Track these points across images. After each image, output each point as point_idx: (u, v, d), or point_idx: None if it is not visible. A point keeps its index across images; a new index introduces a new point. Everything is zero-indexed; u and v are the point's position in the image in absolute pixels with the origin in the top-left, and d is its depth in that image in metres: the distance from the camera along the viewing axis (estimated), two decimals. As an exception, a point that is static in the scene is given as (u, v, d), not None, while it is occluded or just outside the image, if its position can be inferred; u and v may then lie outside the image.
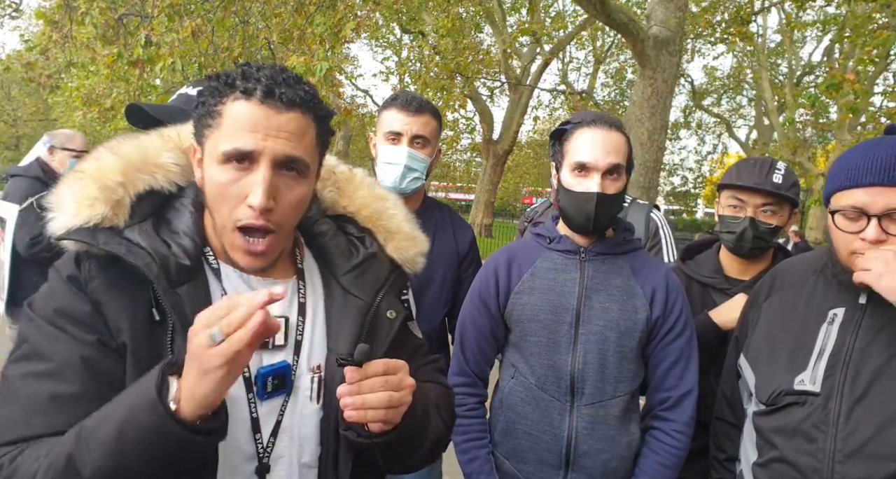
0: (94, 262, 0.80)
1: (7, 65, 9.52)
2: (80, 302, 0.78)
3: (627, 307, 1.40)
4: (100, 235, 0.79)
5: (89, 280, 0.79)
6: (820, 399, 1.13)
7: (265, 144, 0.79)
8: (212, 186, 0.81)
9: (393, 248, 1.02)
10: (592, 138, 1.35)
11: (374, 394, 0.78)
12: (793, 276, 1.32)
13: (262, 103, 0.79)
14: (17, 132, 25.00)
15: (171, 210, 0.89)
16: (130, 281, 0.79)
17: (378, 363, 0.79)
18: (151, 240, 0.82)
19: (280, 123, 0.80)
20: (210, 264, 0.87)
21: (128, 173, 0.85)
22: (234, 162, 0.79)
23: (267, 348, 0.86)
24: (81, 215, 0.80)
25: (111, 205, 0.82)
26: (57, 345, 0.76)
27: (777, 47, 17.11)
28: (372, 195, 1.04)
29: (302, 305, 0.91)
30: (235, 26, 6.06)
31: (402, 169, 1.68)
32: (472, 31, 11.84)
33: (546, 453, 1.40)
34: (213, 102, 0.82)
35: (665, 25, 5.20)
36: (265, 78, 0.80)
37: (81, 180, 0.83)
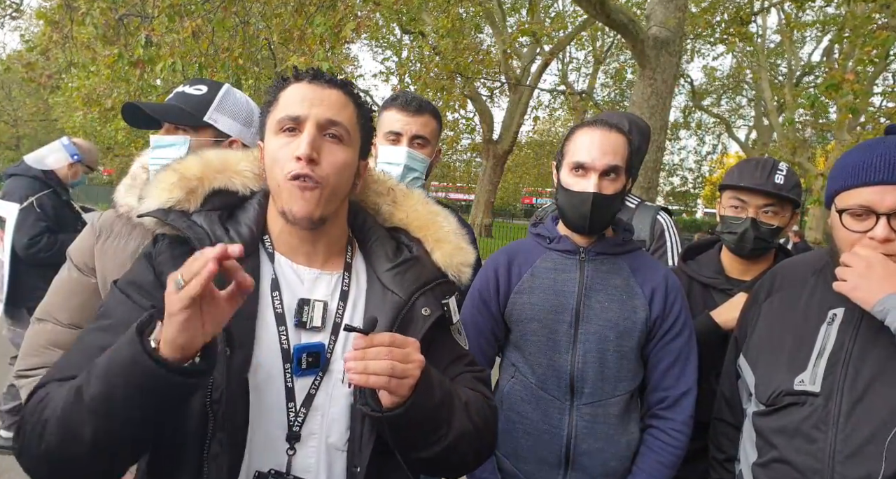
0: (167, 241, 0.95)
1: (7, 65, 9.53)
2: (148, 273, 0.92)
3: (627, 307, 1.40)
4: (171, 215, 0.94)
5: (158, 255, 0.93)
6: (820, 399, 1.13)
7: (310, 110, 0.92)
8: (268, 156, 0.94)
9: (440, 255, 1.08)
10: (591, 139, 1.36)
11: (376, 361, 0.81)
12: (792, 276, 1.32)
13: (310, 83, 0.95)
14: (17, 132, 25.00)
15: (241, 209, 1.02)
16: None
17: (384, 335, 0.84)
18: (212, 224, 0.95)
19: (323, 95, 0.94)
20: (266, 249, 0.98)
21: (206, 172, 1.00)
22: (286, 131, 0.92)
23: (305, 328, 0.94)
24: (160, 198, 0.96)
25: (186, 192, 0.97)
26: (119, 308, 0.90)
27: (777, 47, 17.12)
28: (426, 210, 1.13)
29: (345, 292, 1.00)
30: (236, 27, 6.06)
31: (402, 169, 1.69)
32: (472, 31, 11.84)
33: (546, 452, 1.40)
34: (272, 96, 0.97)
35: (665, 26, 5.21)
36: (313, 71, 0.96)
37: (166, 170, 1.01)
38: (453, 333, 1.07)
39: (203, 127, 1.36)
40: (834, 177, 1.18)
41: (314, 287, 0.98)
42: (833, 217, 1.17)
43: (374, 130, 1.06)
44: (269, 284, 0.94)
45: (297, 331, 0.93)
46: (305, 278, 0.98)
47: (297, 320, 0.93)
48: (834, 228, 1.18)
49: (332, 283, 0.99)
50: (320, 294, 0.97)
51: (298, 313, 0.93)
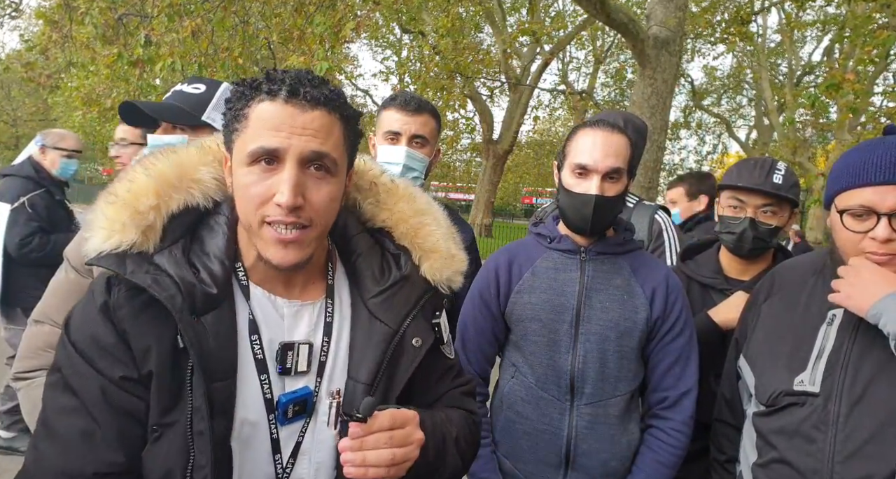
0: (123, 288, 0.80)
1: (7, 65, 9.53)
2: (108, 332, 0.79)
3: (627, 307, 1.40)
4: (129, 261, 0.80)
5: (117, 309, 0.79)
6: (819, 400, 1.13)
7: (290, 141, 0.79)
8: (239, 188, 0.81)
9: (428, 267, 0.97)
10: (593, 140, 1.36)
11: (376, 451, 0.77)
12: (792, 277, 1.32)
13: (287, 103, 0.79)
14: (16, 132, 24.99)
15: (206, 228, 0.88)
16: (157, 308, 0.78)
17: (385, 417, 0.78)
18: (179, 267, 0.81)
19: (305, 120, 0.80)
20: (240, 280, 0.86)
21: (162, 194, 0.84)
22: (262, 162, 0.79)
23: (290, 375, 0.86)
24: (111, 240, 0.80)
25: (142, 230, 0.81)
26: (84, 379, 0.78)
27: (777, 47, 17.10)
28: (412, 209, 1.00)
29: (328, 324, 0.91)
30: (235, 26, 6.06)
31: (401, 169, 1.69)
32: (472, 31, 11.83)
33: (546, 452, 1.40)
34: (239, 107, 0.82)
35: (665, 25, 5.20)
36: (289, 79, 0.80)
37: (113, 205, 0.82)
38: (443, 349, 1.01)
39: (201, 126, 1.35)
40: (834, 177, 1.18)
41: (295, 324, 0.88)
42: (833, 218, 1.17)
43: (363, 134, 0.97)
44: (247, 326, 0.84)
45: (280, 378, 0.85)
46: (285, 313, 0.88)
47: (280, 368, 0.85)
48: (834, 228, 1.18)
49: (314, 315, 0.90)
50: (302, 333, 0.88)
51: (281, 359, 0.85)
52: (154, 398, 0.77)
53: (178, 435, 0.77)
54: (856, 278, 1.11)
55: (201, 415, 0.76)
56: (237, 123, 0.81)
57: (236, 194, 0.83)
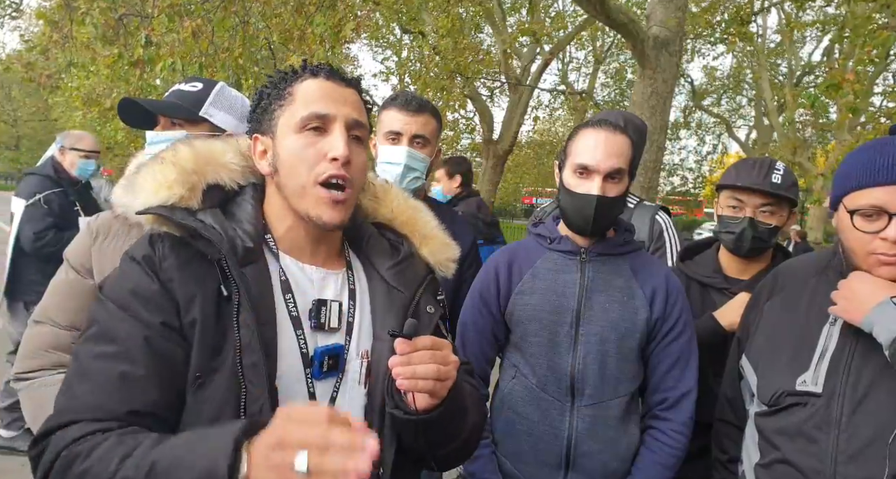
0: (168, 242, 0.86)
1: (7, 65, 9.52)
2: (151, 282, 0.83)
3: (628, 308, 1.40)
4: (177, 212, 0.86)
5: (163, 259, 0.84)
6: (822, 400, 1.13)
7: (338, 109, 0.90)
8: (289, 154, 0.89)
9: (427, 251, 1.08)
10: (595, 140, 1.36)
11: (423, 365, 0.82)
12: (794, 277, 1.32)
13: (328, 79, 0.92)
14: (17, 132, 24.99)
15: (233, 204, 0.95)
16: (200, 261, 0.85)
17: (426, 338, 0.84)
18: (222, 223, 0.88)
19: (345, 94, 0.92)
20: (270, 248, 0.93)
21: (199, 165, 0.93)
22: (311, 129, 0.88)
23: (323, 330, 0.92)
24: (160, 195, 0.87)
25: (188, 188, 0.89)
26: (124, 327, 0.81)
27: (777, 47, 17.10)
28: (406, 205, 1.11)
29: (352, 291, 0.98)
30: (236, 27, 6.06)
31: (402, 169, 1.69)
32: (472, 31, 11.82)
33: (546, 453, 1.40)
34: (282, 88, 0.92)
35: (665, 26, 5.20)
36: (318, 66, 0.93)
37: (162, 165, 0.90)
38: (442, 327, 1.07)
39: (199, 121, 1.37)
40: (842, 177, 1.17)
41: (323, 287, 0.95)
42: (842, 218, 1.16)
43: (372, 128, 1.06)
44: (280, 286, 0.91)
45: (313, 333, 0.91)
46: (314, 278, 0.95)
47: (314, 322, 0.91)
48: (843, 229, 1.17)
49: (338, 282, 0.98)
50: (332, 294, 0.95)
51: (316, 314, 0.91)
52: (198, 345, 0.81)
53: (226, 376, 0.80)
54: (850, 291, 1.12)
55: (252, 348, 0.81)
56: (281, 101, 0.91)
57: (284, 160, 0.90)
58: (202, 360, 0.81)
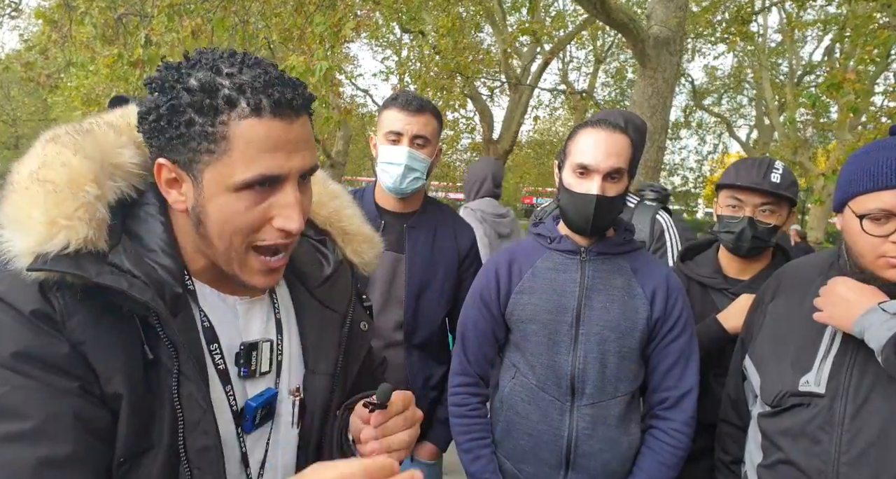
0: (69, 292, 0.65)
1: (7, 64, 9.51)
2: (54, 343, 0.63)
3: (628, 308, 1.40)
4: (86, 263, 0.64)
5: (67, 317, 0.64)
6: (825, 401, 1.13)
7: (290, 164, 0.70)
8: (224, 215, 0.70)
9: (351, 251, 0.96)
10: (595, 140, 1.35)
11: (397, 436, 0.77)
12: (798, 278, 1.32)
13: (276, 117, 0.68)
14: (16, 132, 24.99)
15: (137, 221, 0.74)
16: (114, 314, 0.67)
17: (398, 401, 0.77)
18: (141, 265, 0.69)
19: (297, 134, 0.70)
20: (186, 285, 0.75)
21: (100, 181, 0.69)
22: (256, 187, 0.69)
23: (252, 377, 0.80)
24: (58, 239, 0.64)
25: (94, 225, 0.66)
26: (30, 396, 0.61)
27: (777, 47, 17.08)
28: (327, 193, 0.96)
29: (279, 321, 0.85)
30: (235, 26, 6.06)
31: (403, 169, 1.68)
32: (472, 30, 11.82)
33: (546, 453, 1.40)
34: (208, 122, 0.67)
35: (665, 25, 5.19)
36: (259, 84, 0.68)
37: (55, 193, 0.65)
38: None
39: None
40: (848, 180, 1.16)
41: (248, 322, 0.81)
42: (849, 221, 1.16)
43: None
44: (204, 334, 0.75)
45: (240, 382, 0.79)
46: (239, 311, 0.80)
47: (245, 370, 0.78)
48: (850, 232, 1.16)
49: (264, 311, 0.83)
50: (258, 331, 0.82)
51: (246, 361, 0.78)
52: (124, 425, 0.65)
53: (161, 461, 0.67)
54: (835, 296, 1.12)
55: (201, 430, 0.69)
56: (209, 144, 0.67)
57: (216, 219, 0.70)
58: (128, 442, 0.66)
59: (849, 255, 1.20)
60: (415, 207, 1.81)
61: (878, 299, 1.08)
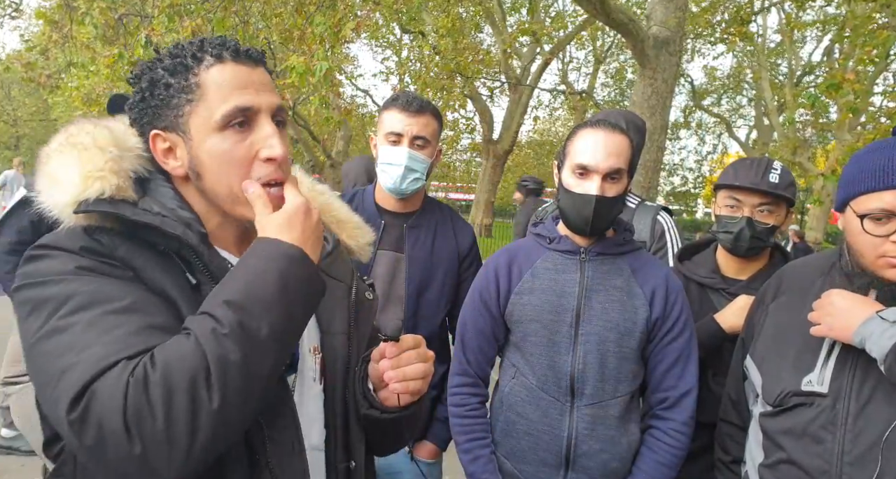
0: (109, 235, 0.74)
1: (7, 65, 9.52)
2: (111, 267, 0.71)
3: (627, 308, 1.40)
4: (121, 206, 0.74)
5: (114, 249, 0.73)
6: (828, 401, 1.14)
7: (259, 99, 0.79)
8: (215, 156, 0.78)
9: (346, 236, 1.05)
10: (594, 140, 1.36)
11: (412, 366, 0.83)
12: (799, 278, 1.32)
13: (237, 62, 0.79)
14: (17, 132, 24.98)
15: (151, 191, 0.83)
16: (154, 252, 0.76)
17: (409, 337, 0.84)
18: (169, 210, 0.79)
19: (259, 77, 0.81)
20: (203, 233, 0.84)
21: (122, 149, 0.80)
22: (234, 126, 0.78)
23: None
24: (93, 188, 0.74)
25: (122, 176, 0.77)
26: (118, 286, 0.70)
27: (777, 47, 17.09)
28: (314, 190, 1.05)
29: None
30: (235, 26, 6.06)
31: (403, 170, 1.69)
32: (472, 31, 11.82)
33: (546, 453, 1.40)
34: (183, 77, 0.79)
35: (665, 25, 5.20)
36: (217, 42, 0.80)
37: (86, 151, 0.77)
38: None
39: None
40: (849, 180, 1.17)
41: None
42: (850, 221, 1.16)
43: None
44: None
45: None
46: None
47: None
48: (851, 232, 1.16)
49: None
50: None
51: None
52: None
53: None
54: (832, 308, 1.12)
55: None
56: (189, 95, 0.78)
57: (209, 163, 0.79)
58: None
59: (850, 255, 1.20)
60: (415, 207, 1.82)
61: (875, 308, 1.08)
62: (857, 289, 1.19)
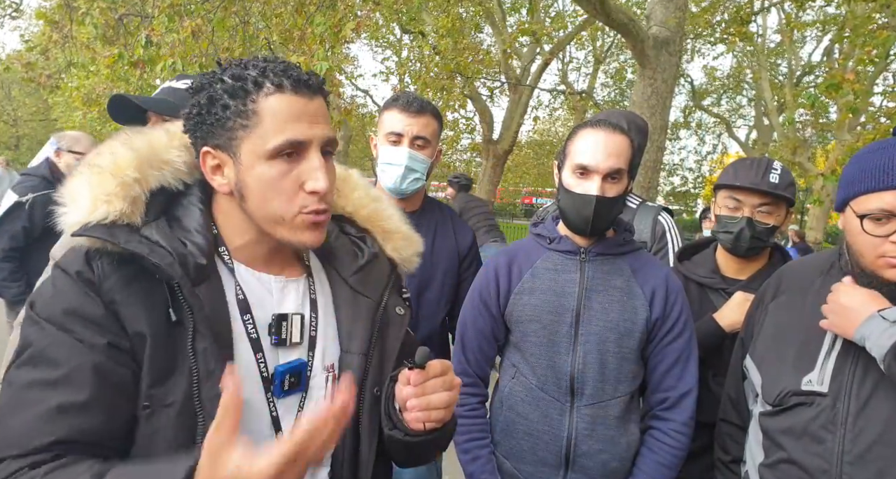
0: (107, 259, 0.78)
1: (7, 65, 9.51)
2: (92, 303, 0.75)
3: (627, 308, 1.40)
4: (118, 232, 0.77)
5: (104, 279, 0.76)
6: (828, 400, 1.14)
7: (312, 132, 0.81)
8: (262, 183, 0.81)
9: (391, 248, 1.03)
10: (595, 141, 1.36)
11: (437, 395, 0.82)
12: (799, 277, 1.32)
13: (296, 93, 0.81)
14: (17, 132, 24.97)
15: (179, 208, 0.86)
16: (145, 280, 0.78)
17: (436, 364, 0.82)
18: (169, 239, 0.80)
19: (315, 109, 0.82)
20: (224, 261, 0.86)
21: (142, 169, 0.83)
22: (284, 156, 0.80)
23: (284, 346, 0.87)
24: (98, 211, 0.78)
25: (129, 202, 0.80)
26: (64, 350, 0.73)
27: (777, 47, 17.08)
28: (368, 196, 1.05)
29: (314, 301, 0.92)
30: (236, 27, 6.06)
31: (403, 170, 1.69)
32: (472, 31, 11.81)
33: (546, 453, 1.40)
34: (242, 101, 0.80)
35: (665, 25, 5.20)
36: (279, 69, 0.81)
37: (100, 175, 0.80)
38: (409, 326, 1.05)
39: None
40: (849, 180, 1.17)
41: (283, 298, 0.89)
42: (850, 221, 1.16)
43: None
44: (238, 305, 0.84)
45: (273, 349, 0.86)
46: (273, 288, 0.89)
47: (276, 339, 0.85)
48: (851, 232, 1.17)
49: (299, 291, 0.91)
50: (292, 306, 0.89)
51: (276, 330, 0.86)
52: (148, 368, 0.75)
53: (177, 408, 0.75)
54: (837, 305, 1.13)
55: (213, 379, 0.75)
56: (244, 120, 0.80)
57: (255, 189, 0.81)
58: (150, 387, 0.75)
59: (849, 255, 1.21)
60: (415, 207, 1.82)
61: (879, 306, 1.08)
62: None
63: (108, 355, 0.74)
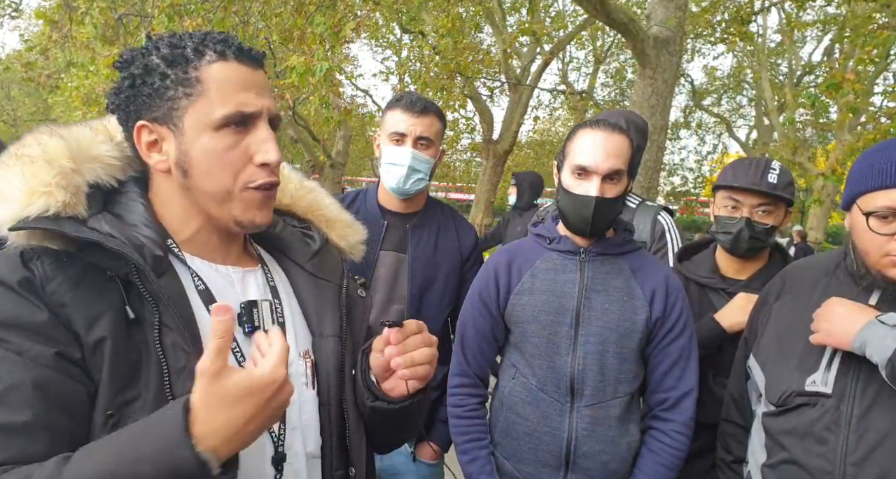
0: (48, 259, 0.70)
1: (7, 65, 9.52)
2: (33, 310, 0.67)
3: (627, 308, 1.40)
4: (65, 223, 0.70)
5: (46, 281, 0.68)
6: (832, 401, 1.13)
7: (260, 102, 0.78)
8: (208, 155, 0.76)
9: (336, 236, 1.02)
10: (594, 141, 1.35)
11: (419, 351, 0.81)
12: (803, 277, 1.32)
13: (240, 63, 0.77)
14: (16, 132, 24.96)
15: (118, 205, 0.79)
16: (95, 279, 0.71)
17: (412, 322, 0.82)
18: (122, 229, 0.74)
19: (261, 80, 0.79)
20: (176, 255, 0.80)
21: (77, 160, 0.75)
22: (232, 126, 0.76)
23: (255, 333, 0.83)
24: (36, 205, 0.69)
25: (71, 192, 0.72)
26: (2, 366, 0.64)
27: (777, 47, 17.07)
28: (304, 187, 1.02)
29: (274, 288, 0.89)
30: (235, 26, 6.06)
31: (406, 170, 1.69)
32: (472, 31, 11.81)
33: (546, 454, 1.40)
34: (180, 70, 0.75)
35: (665, 25, 5.20)
36: (219, 38, 0.77)
37: (33, 165, 0.71)
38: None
39: None
40: (856, 178, 1.17)
41: (246, 288, 0.85)
42: (856, 219, 1.16)
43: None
44: (200, 296, 0.78)
45: (246, 339, 0.81)
46: (234, 278, 0.85)
47: (249, 327, 0.81)
48: (857, 230, 1.16)
49: (258, 280, 0.88)
50: (257, 293, 0.86)
51: (248, 318, 0.81)
52: (108, 371, 0.68)
53: (148, 409, 0.68)
54: (829, 315, 1.13)
55: (187, 373, 0.69)
56: (186, 88, 0.75)
57: (201, 165, 0.76)
58: (113, 394, 0.68)
59: (854, 254, 1.20)
60: (417, 208, 1.82)
61: (873, 314, 1.08)
62: (861, 289, 1.19)
63: (55, 368, 0.66)
